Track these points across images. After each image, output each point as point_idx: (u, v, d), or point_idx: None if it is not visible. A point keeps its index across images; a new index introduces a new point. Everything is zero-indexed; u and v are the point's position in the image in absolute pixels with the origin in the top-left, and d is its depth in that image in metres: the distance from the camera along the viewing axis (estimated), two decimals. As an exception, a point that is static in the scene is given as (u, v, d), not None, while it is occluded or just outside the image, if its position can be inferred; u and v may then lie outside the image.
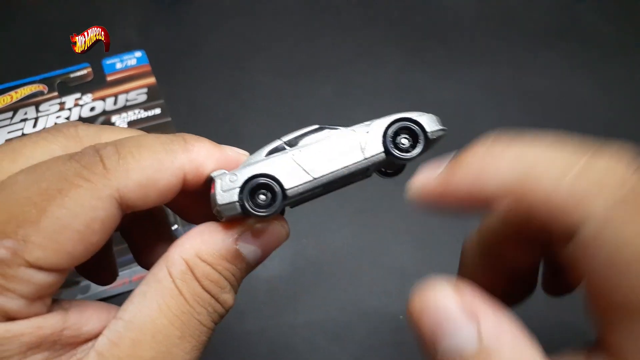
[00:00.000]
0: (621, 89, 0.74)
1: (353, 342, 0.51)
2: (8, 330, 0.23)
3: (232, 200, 0.26)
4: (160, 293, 0.26)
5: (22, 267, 0.22)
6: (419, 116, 0.28)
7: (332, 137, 0.28)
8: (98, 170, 0.24)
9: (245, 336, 0.51)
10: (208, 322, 0.27)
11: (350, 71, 0.76)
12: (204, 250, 0.27)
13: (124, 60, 0.71)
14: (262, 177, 0.27)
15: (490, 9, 0.86)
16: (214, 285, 0.27)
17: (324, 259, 0.57)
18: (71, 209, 0.23)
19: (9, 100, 0.65)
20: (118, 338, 0.25)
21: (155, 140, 0.27)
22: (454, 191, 0.25)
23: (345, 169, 0.27)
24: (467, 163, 0.25)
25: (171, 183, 0.26)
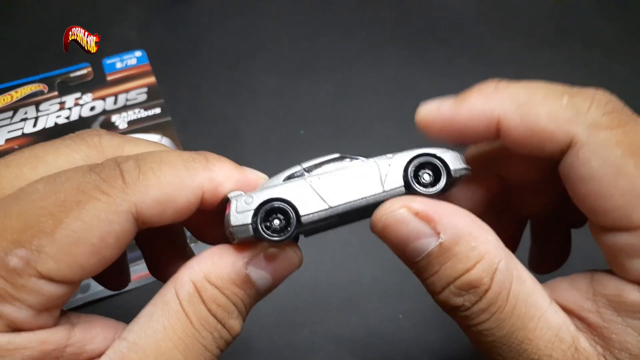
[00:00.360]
0: (621, 89, 0.74)
1: (353, 342, 0.51)
2: (11, 342, 0.22)
3: (246, 222, 0.26)
4: (167, 315, 0.25)
5: (33, 277, 0.22)
6: (443, 152, 0.28)
7: (352, 167, 0.27)
8: (117, 184, 0.24)
9: (245, 336, 0.51)
10: (212, 348, 0.26)
11: (350, 71, 0.76)
12: (213, 273, 0.26)
13: (124, 59, 0.71)
14: (278, 201, 0.26)
15: (490, 9, 0.86)
16: (221, 310, 0.26)
17: (323, 259, 0.57)
18: (87, 222, 0.23)
19: (9, 99, 0.65)
20: (120, 359, 0.24)
21: (177, 157, 0.26)
22: (462, 118, 0.28)
23: (363, 199, 0.27)
24: (475, 94, 0.28)
25: (189, 201, 0.26)
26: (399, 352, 0.51)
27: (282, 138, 0.68)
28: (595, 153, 0.24)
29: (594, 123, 0.25)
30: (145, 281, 0.53)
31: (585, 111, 0.25)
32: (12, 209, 0.23)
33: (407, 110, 0.71)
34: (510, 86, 0.28)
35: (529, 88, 0.27)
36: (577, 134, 0.25)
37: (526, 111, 0.26)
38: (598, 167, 0.24)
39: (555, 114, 0.25)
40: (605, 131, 0.24)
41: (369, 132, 0.69)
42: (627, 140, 0.24)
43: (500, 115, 0.27)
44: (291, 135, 0.68)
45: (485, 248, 0.25)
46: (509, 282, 0.25)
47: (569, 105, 0.25)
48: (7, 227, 0.22)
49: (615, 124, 0.24)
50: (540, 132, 0.26)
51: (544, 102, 0.26)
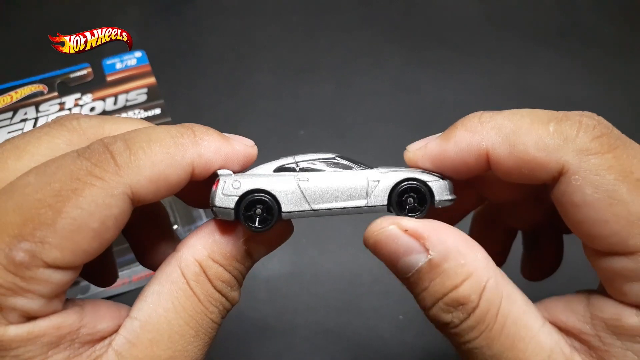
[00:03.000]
0: (621, 89, 0.74)
1: (353, 342, 0.51)
2: (30, 332, 0.23)
3: (229, 206, 0.27)
4: (175, 294, 0.26)
5: (40, 268, 0.23)
6: (434, 181, 0.28)
7: (343, 176, 0.28)
8: (110, 167, 0.24)
9: (246, 336, 0.51)
10: (218, 319, 0.28)
11: (350, 71, 0.76)
12: (216, 251, 0.27)
13: (124, 60, 0.71)
14: (263, 193, 0.27)
15: (491, 9, 0.86)
16: (225, 285, 0.28)
17: (323, 259, 0.57)
18: (86, 209, 0.23)
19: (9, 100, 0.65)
20: (136, 338, 0.25)
21: (166, 134, 0.26)
22: (451, 155, 0.27)
23: (345, 209, 0.28)
24: (460, 129, 0.27)
25: (180, 177, 0.26)
26: (399, 353, 0.51)
27: (282, 138, 0.68)
28: (587, 180, 0.24)
29: (584, 149, 0.24)
30: (144, 282, 0.53)
31: (574, 137, 0.25)
32: (8, 204, 0.23)
33: (407, 110, 0.72)
34: (494, 117, 0.27)
35: (513, 117, 0.26)
36: (568, 161, 0.24)
37: (514, 141, 0.26)
38: (591, 193, 0.24)
39: (544, 142, 0.25)
40: (595, 156, 0.24)
41: (369, 132, 0.69)
42: (619, 164, 0.24)
43: (488, 148, 0.26)
44: (291, 135, 0.68)
45: (474, 266, 0.26)
46: (497, 301, 0.25)
47: (556, 131, 0.25)
48: (6, 222, 0.23)
49: (605, 148, 0.24)
50: (530, 162, 0.25)
51: (530, 131, 0.25)
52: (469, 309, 0.25)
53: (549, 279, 0.39)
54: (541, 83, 0.75)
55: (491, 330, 0.25)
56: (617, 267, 0.24)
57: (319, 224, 0.59)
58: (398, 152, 0.31)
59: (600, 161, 0.24)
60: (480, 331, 0.25)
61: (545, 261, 0.39)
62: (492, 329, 0.25)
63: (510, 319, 0.25)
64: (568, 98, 0.73)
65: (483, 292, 0.25)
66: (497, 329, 0.25)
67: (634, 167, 0.23)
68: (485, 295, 0.25)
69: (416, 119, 0.70)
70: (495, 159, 0.26)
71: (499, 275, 0.26)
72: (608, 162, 0.24)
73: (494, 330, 0.25)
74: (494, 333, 0.25)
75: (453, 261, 0.26)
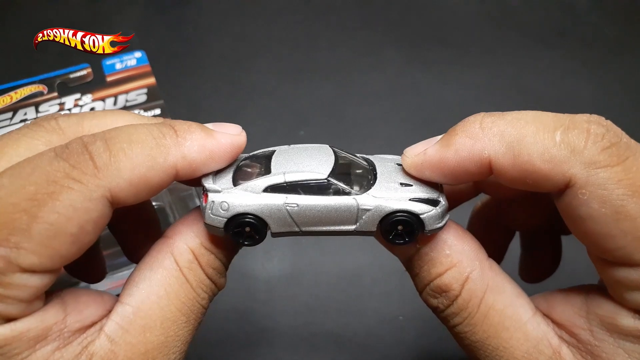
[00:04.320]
0: (621, 89, 0.74)
1: (353, 342, 0.51)
2: (14, 329, 0.23)
3: (219, 226, 0.27)
4: (167, 281, 0.27)
5: (17, 273, 0.22)
6: (427, 213, 0.27)
7: (332, 203, 0.27)
8: (89, 170, 0.23)
9: (246, 336, 0.51)
10: (207, 304, 0.29)
11: (350, 72, 0.76)
12: (208, 239, 0.28)
13: (124, 60, 0.71)
14: (252, 217, 0.27)
15: (491, 9, 0.86)
16: (215, 272, 0.29)
17: (323, 260, 0.57)
18: (64, 213, 0.23)
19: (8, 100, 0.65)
20: (128, 324, 0.25)
21: (147, 134, 0.26)
22: (452, 162, 0.26)
23: (332, 233, 0.28)
24: (461, 135, 0.26)
25: (162, 180, 0.26)
26: (399, 354, 0.51)
27: (282, 138, 0.67)
28: (594, 194, 0.23)
29: (592, 161, 0.23)
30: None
31: (582, 148, 0.23)
32: None
33: (407, 110, 0.72)
34: (497, 122, 0.25)
35: (517, 123, 0.25)
36: (575, 174, 0.23)
37: (518, 151, 0.24)
38: (598, 208, 0.23)
39: (550, 153, 0.24)
40: (604, 170, 0.23)
41: (369, 132, 0.69)
42: (628, 178, 0.23)
43: (491, 157, 0.25)
44: (291, 135, 0.68)
45: (459, 257, 0.27)
46: (481, 292, 0.26)
47: (563, 142, 0.24)
48: None
49: (614, 160, 0.23)
50: (535, 173, 0.24)
51: (535, 140, 0.24)
52: (451, 297, 0.27)
53: (549, 280, 0.39)
54: (541, 83, 0.75)
55: (473, 318, 0.26)
56: (619, 275, 0.24)
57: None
58: (398, 152, 0.31)
59: (609, 175, 0.23)
60: (462, 318, 0.27)
61: (543, 263, 0.39)
62: (474, 317, 0.26)
63: (495, 309, 0.26)
64: (568, 98, 0.73)
65: (466, 282, 0.26)
66: (479, 317, 0.26)
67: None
68: (468, 285, 0.26)
69: (416, 119, 0.70)
70: (498, 168, 0.25)
71: (486, 266, 0.27)
72: (617, 175, 0.23)
73: (476, 318, 0.26)
74: (476, 320, 0.26)
75: (439, 251, 0.27)
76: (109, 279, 0.51)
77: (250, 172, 0.29)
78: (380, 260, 0.56)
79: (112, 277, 0.52)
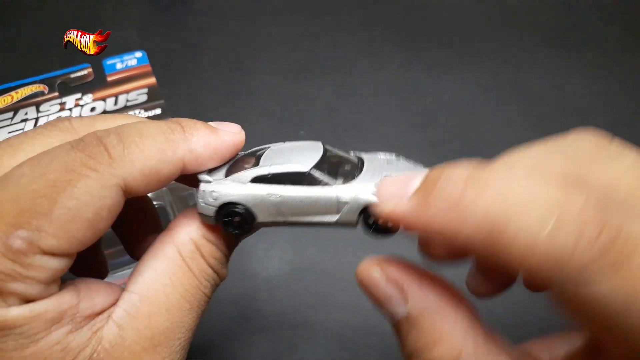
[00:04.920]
0: (621, 90, 0.74)
1: (353, 342, 0.51)
2: (32, 310, 0.24)
3: (209, 214, 0.29)
4: (172, 269, 0.28)
5: (37, 255, 0.23)
6: None
7: (313, 194, 0.28)
8: (104, 159, 0.25)
9: (245, 336, 0.51)
10: (210, 293, 0.30)
11: (350, 71, 0.76)
12: (209, 232, 0.30)
13: (125, 60, 0.71)
14: (239, 206, 0.29)
15: (490, 9, 0.86)
16: (217, 262, 0.30)
17: (323, 259, 0.57)
18: (81, 199, 0.24)
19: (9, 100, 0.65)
20: (135, 311, 0.27)
21: (157, 129, 0.27)
22: (426, 225, 0.23)
23: (315, 223, 0.29)
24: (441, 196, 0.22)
25: (171, 172, 0.27)
26: (399, 353, 0.51)
27: (282, 138, 0.67)
28: (588, 301, 0.19)
29: (584, 266, 0.19)
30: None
31: (572, 250, 0.19)
32: (3, 195, 0.24)
33: (407, 110, 0.72)
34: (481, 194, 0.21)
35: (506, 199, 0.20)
36: (563, 279, 0.19)
37: (499, 243, 0.20)
38: (593, 314, 0.20)
39: (536, 251, 0.20)
40: (597, 281, 0.19)
41: (369, 132, 0.69)
42: (629, 284, 0.19)
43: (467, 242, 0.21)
44: (291, 135, 0.68)
45: (451, 329, 0.24)
46: None
47: (552, 238, 0.19)
48: (3, 212, 0.23)
49: (611, 263, 0.19)
50: (514, 269, 0.21)
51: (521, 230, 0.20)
52: None
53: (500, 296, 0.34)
54: (541, 83, 0.75)
55: None
56: None
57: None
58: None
59: (602, 287, 0.19)
60: None
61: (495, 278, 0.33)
62: None
63: None
64: (568, 98, 0.73)
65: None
66: None
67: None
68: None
69: (416, 119, 0.70)
70: (473, 252, 0.23)
71: (480, 341, 0.24)
72: (612, 284, 0.19)
73: None
74: None
75: (429, 319, 0.24)
76: (110, 278, 0.52)
77: (242, 166, 0.30)
78: (381, 260, 0.56)
79: (112, 276, 0.52)
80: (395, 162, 0.30)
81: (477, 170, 0.22)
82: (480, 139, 0.68)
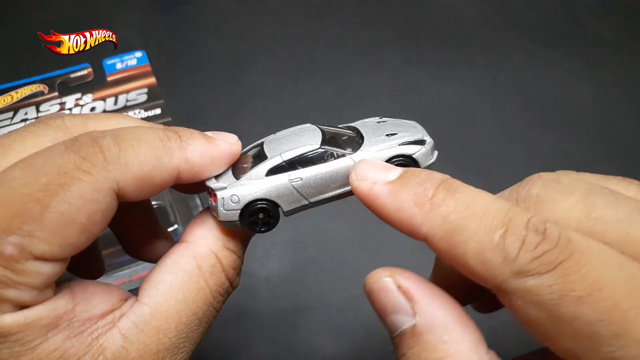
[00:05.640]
0: (621, 89, 0.74)
1: (353, 342, 0.51)
2: (27, 316, 0.23)
3: (234, 220, 0.28)
4: (187, 286, 0.27)
5: (30, 260, 0.23)
6: (417, 151, 0.29)
7: (331, 166, 0.29)
8: (98, 162, 0.24)
9: (246, 336, 0.51)
10: (220, 308, 0.29)
11: (349, 71, 0.76)
12: (228, 239, 0.29)
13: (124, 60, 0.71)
14: (263, 201, 0.28)
15: (491, 9, 0.86)
16: (235, 272, 0.30)
17: (323, 259, 0.57)
18: (74, 203, 0.24)
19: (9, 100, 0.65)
20: (144, 324, 0.26)
21: (154, 135, 0.27)
22: (390, 212, 0.25)
23: (338, 195, 0.29)
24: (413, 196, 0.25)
25: (165, 180, 0.27)
26: (399, 352, 0.51)
27: (282, 138, 0.68)
28: (528, 300, 0.22)
29: (522, 271, 0.22)
30: (145, 281, 0.53)
31: (514, 257, 0.22)
32: None
33: (407, 110, 0.72)
34: (447, 201, 0.24)
35: (464, 211, 0.24)
36: (506, 281, 0.22)
37: (455, 242, 0.23)
38: (534, 312, 0.22)
39: (484, 256, 0.23)
40: (533, 278, 0.22)
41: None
42: (557, 283, 0.21)
43: (427, 235, 0.24)
44: (291, 135, 0.68)
45: (457, 348, 0.23)
46: None
47: (498, 247, 0.22)
48: None
49: (544, 268, 0.22)
50: (467, 270, 0.23)
51: (475, 236, 0.23)
52: None
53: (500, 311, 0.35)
54: (541, 83, 0.75)
55: None
56: None
57: (319, 224, 0.59)
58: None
59: (539, 282, 0.22)
60: None
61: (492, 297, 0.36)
62: None
63: None
64: (568, 98, 0.73)
65: None
66: None
67: (575, 284, 0.21)
68: None
69: (416, 119, 0.70)
70: (433, 247, 0.24)
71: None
72: (547, 281, 0.22)
73: None
74: None
75: (436, 335, 0.24)
76: (110, 278, 0.52)
77: (246, 166, 0.30)
78: (381, 259, 0.56)
79: (112, 276, 0.52)
80: (385, 122, 0.32)
81: (449, 180, 0.25)
82: (479, 139, 0.68)
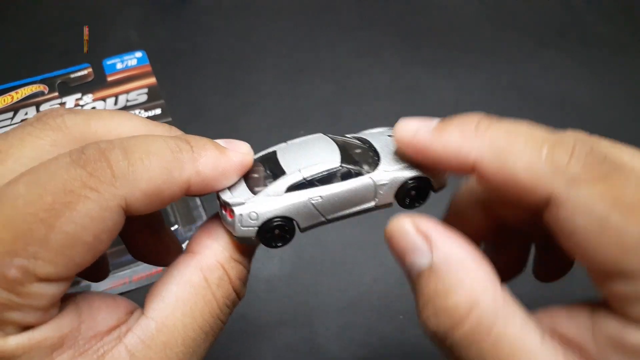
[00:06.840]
0: (621, 89, 0.74)
1: (353, 342, 0.51)
2: (31, 338, 0.23)
3: (251, 236, 0.28)
4: (194, 299, 0.27)
5: (34, 283, 0.22)
6: None
7: (350, 185, 0.29)
8: (106, 178, 0.24)
9: (245, 336, 0.51)
10: (227, 320, 0.29)
11: (350, 71, 0.76)
12: (235, 250, 0.28)
13: (125, 60, 0.71)
14: (282, 218, 0.28)
15: (490, 9, 0.86)
16: (241, 283, 0.29)
17: (323, 259, 0.57)
18: (80, 223, 0.23)
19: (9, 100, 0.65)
20: (150, 340, 0.25)
21: (165, 147, 0.26)
22: (437, 150, 0.27)
23: (355, 212, 0.30)
24: (454, 129, 0.26)
25: (175, 193, 0.26)
26: (399, 353, 0.51)
27: (282, 138, 0.67)
28: (577, 209, 0.23)
29: (574, 178, 0.23)
30: (145, 282, 0.53)
31: (565, 165, 0.23)
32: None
33: (407, 110, 0.72)
34: (491, 127, 0.26)
35: (509, 134, 0.25)
36: (557, 190, 0.23)
37: (504, 160, 0.25)
38: (582, 221, 0.23)
39: (534, 168, 0.24)
40: (586, 186, 0.23)
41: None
42: (609, 191, 0.23)
43: (476, 160, 0.25)
44: (291, 135, 0.68)
45: (471, 283, 0.24)
46: (490, 321, 0.24)
47: (548, 158, 0.24)
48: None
49: (596, 176, 0.23)
50: (517, 185, 0.24)
51: (523, 152, 0.24)
52: (456, 323, 0.24)
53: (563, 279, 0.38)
54: (541, 83, 0.75)
55: (481, 350, 0.24)
56: (617, 288, 0.24)
57: (319, 224, 0.59)
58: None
59: (591, 190, 0.23)
60: (466, 348, 0.24)
61: (557, 262, 0.37)
62: (482, 348, 0.24)
63: (504, 341, 0.24)
64: (568, 98, 0.73)
65: (474, 309, 0.24)
66: (486, 348, 0.24)
67: (626, 193, 0.23)
68: (476, 313, 0.24)
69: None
70: (481, 172, 0.25)
71: (498, 295, 0.25)
72: (599, 190, 0.23)
73: (484, 349, 0.24)
74: (484, 352, 0.24)
75: (452, 271, 0.25)
76: (111, 278, 0.52)
77: (257, 176, 0.29)
78: (381, 260, 0.56)
79: (113, 276, 0.52)
80: None
81: (488, 117, 0.27)
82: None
